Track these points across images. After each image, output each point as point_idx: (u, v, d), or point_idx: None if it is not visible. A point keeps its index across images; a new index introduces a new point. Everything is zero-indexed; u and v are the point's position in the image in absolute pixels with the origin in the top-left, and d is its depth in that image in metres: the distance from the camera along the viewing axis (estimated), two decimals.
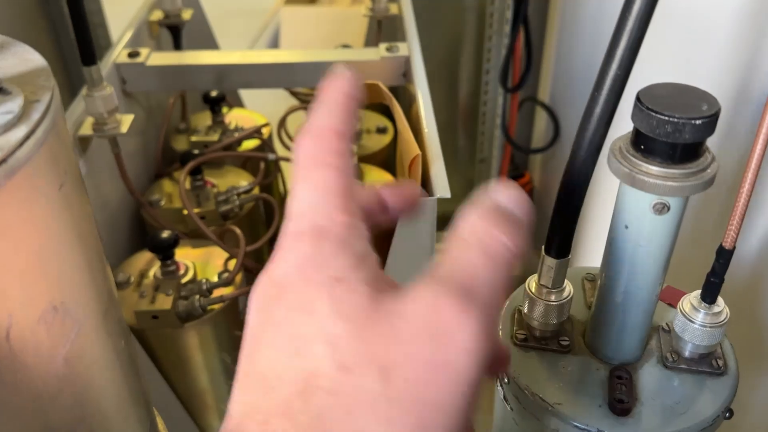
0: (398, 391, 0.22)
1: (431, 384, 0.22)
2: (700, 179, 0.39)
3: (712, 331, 0.47)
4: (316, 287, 0.24)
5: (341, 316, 0.23)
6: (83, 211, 0.37)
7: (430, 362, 0.22)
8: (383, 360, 0.22)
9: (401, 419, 0.21)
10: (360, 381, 0.22)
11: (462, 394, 0.22)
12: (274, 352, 0.24)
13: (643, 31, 0.37)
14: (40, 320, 0.32)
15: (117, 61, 0.90)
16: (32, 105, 0.32)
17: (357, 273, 0.24)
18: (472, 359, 0.22)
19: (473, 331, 0.22)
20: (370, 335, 0.22)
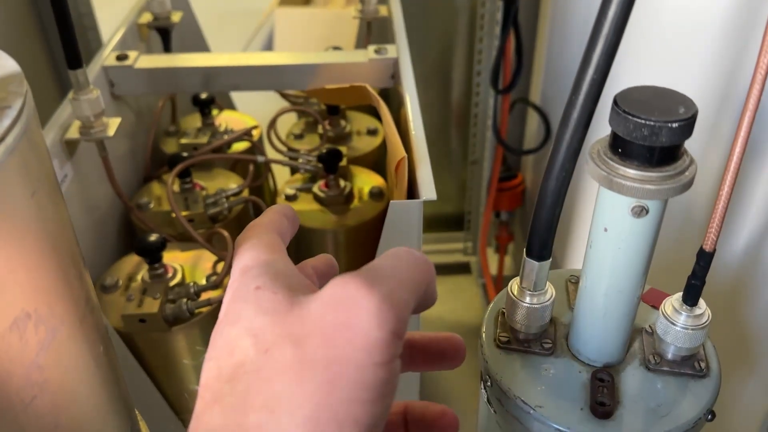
0: (309, 354, 0.24)
1: (337, 342, 0.24)
2: (678, 182, 0.39)
3: (693, 333, 0.47)
4: (241, 301, 0.27)
5: (262, 311, 0.26)
6: (58, 217, 0.37)
7: (334, 324, 0.24)
8: (297, 334, 0.25)
9: (312, 376, 0.23)
10: (277, 355, 0.24)
11: (370, 350, 0.24)
12: (213, 362, 0.27)
13: (619, 36, 0.37)
14: (12, 327, 0.32)
15: (105, 64, 0.90)
16: (3, 111, 0.32)
17: (276, 282, 0.27)
18: (375, 321, 0.24)
19: (376, 299, 0.24)
20: (287, 320, 0.25)
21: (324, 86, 0.91)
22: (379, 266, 0.27)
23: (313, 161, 0.96)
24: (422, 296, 0.28)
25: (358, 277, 0.25)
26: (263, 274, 0.28)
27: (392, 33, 1.02)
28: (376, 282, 0.25)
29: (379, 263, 0.27)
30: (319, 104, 1.13)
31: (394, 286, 0.25)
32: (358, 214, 0.92)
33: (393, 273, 0.26)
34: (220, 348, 0.27)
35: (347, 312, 0.24)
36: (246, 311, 0.27)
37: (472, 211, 1.67)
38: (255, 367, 0.25)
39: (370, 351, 0.24)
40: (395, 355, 0.25)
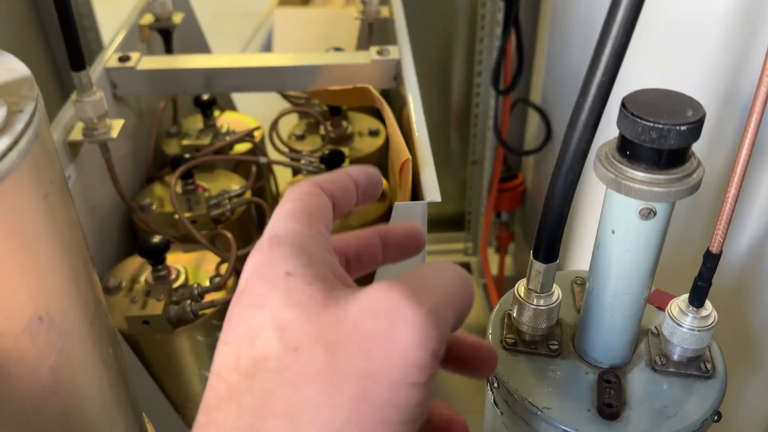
0: (342, 363, 0.22)
1: (375, 356, 0.22)
2: (685, 184, 0.40)
3: (700, 334, 0.47)
4: (268, 283, 0.25)
5: (292, 303, 0.24)
6: (69, 220, 0.37)
7: (374, 335, 0.22)
8: (331, 338, 0.22)
9: (344, 389, 0.22)
10: (306, 358, 0.22)
11: (407, 371, 0.22)
12: (229, 348, 0.24)
13: (628, 38, 0.37)
14: (25, 331, 0.32)
15: (107, 66, 0.90)
16: (16, 115, 0.32)
17: (310, 270, 0.25)
18: (417, 337, 0.22)
19: (421, 315, 0.22)
20: (321, 319, 0.23)
21: (326, 87, 0.91)
22: (426, 277, 0.25)
23: (315, 162, 0.96)
24: (462, 316, 0.26)
25: (404, 287, 0.23)
26: (295, 255, 0.25)
27: (394, 34, 1.02)
28: (423, 295, 0.23)
29: (426, 274, 0.25)
30: (320, 105, 1.13)
31: (439, 301, 0.24)
32: (361, 216, 0.92)
33: (439, 287, 0.24)
34: (240, 334, 0.24)
35: (389, 324, 0.22)
36: (273, 298, 0.24)
37: (472, 212, 1.67)
38: (280, 366, 0.23)
39: (408, 371, 0.22)
40: (432, 376, 0.23)
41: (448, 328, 0.24)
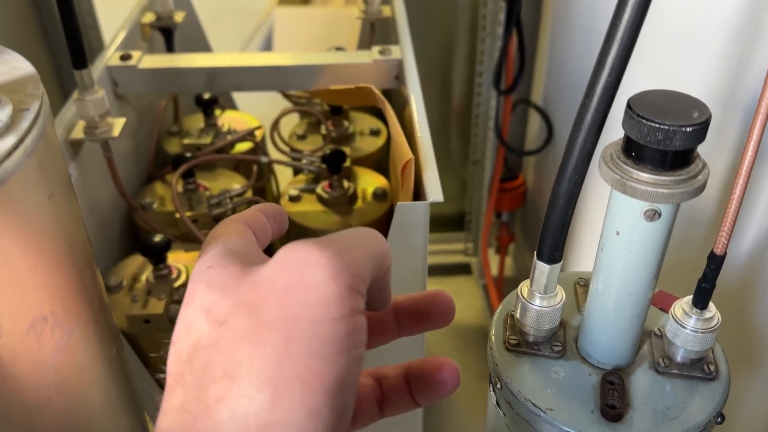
0: (264, 317, 0.24)
1: (291, 300, 0.24)
2: (690, 186, 0.39)
3: (703, 336, 0.47)
4: (194, 280, 0.27)
5: (213, 287, 0.26)
6: (73, 219, 0.37)
7: (288, 283, 0.24)
8: (251, 301, 0.24)
9: (270, 337, 0.23)
10: (233, 326, 0.24)
11: (326, 305, 0.23)
12: (172, 348, 0.26)
13: (634, 39, 0.37)
14: (30, 330, 0.32)
15: (109, 64, 0.90)
16: (21, 114, 0.32)
17: (227, 258, 0.27)
18: (328, 274, 0.24)
19: (328, 254, 0.24)
20: (240, 290, 0.25)
21: (328, 87, 0.91)
22: (333, 235, 0.27)
23: (316, 162, 0.96)
24: (379, 266, 0.27)
25: (309, 240, 0.25)
26: (216, 254, 0.28)
27: (396, 33, 1.02)
28: (327, 243, 0.25)
29: (333, 234, 0.27)
30: (322, 105, 1.13)
31: (346, 246, 0.26)
32: (362, 215, 0.92)
33: (347, 239, 0.26)
34: (178, 332, 0.26)
35: (299, 270, 0.24)
36: (198, 290, 0.26)
37: (473, 212, 1.67)
38: (211, 340, 0.24)
39: (327, 305, 0.24)
40: (355, 309, 0.24)
41: (361, 267, 0.25)
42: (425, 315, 0.35)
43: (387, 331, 0.35)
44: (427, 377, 0.34)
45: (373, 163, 1.07)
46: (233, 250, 0.28)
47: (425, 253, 0.70)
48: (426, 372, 0.34)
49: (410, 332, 0.35)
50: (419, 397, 0.35)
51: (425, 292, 0.35)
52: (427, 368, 0.34)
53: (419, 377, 0.34)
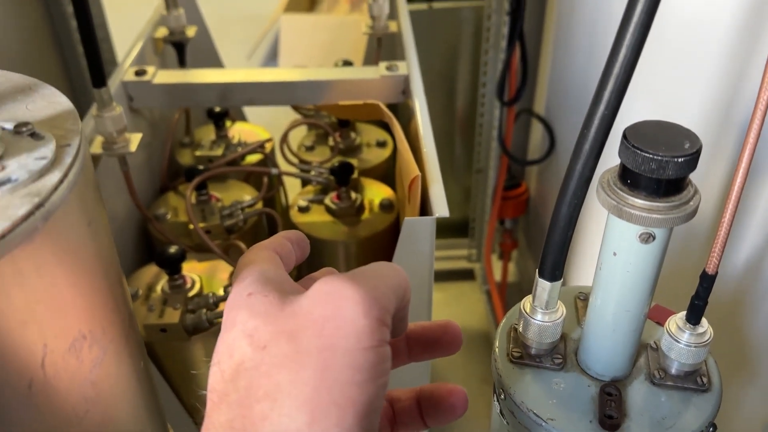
0: (303, 345, 0.27)
1: (327, 332, 0.26)
2: (683, 211, 0.42)
3: (696, 350, 0.50)
4: (236, 307, 0.30)
5: (255, 314, 0.29)
6: (107, 242, 0.39)
7: (324, 316, 0.27)
8: (290, 329, 0.27)
9: (308, 364, 0.26)
10: (274, 351, 0.27)
11: (358, 337, 0.26)
12: (215, 367, 0.29)
13: (629, 76, 0.40)
14: (71, 348, 0.35)
15: (124, 79, 0.93)
16: (63, 149, 0.35)
17: (267, 287, 0.30)
18: (361, 309, 0.27)
19: (361, 291, 0.27)
20: (280, 318, 0.28)
21: (337, 102, 0.94)
22: (361, 270, 0.30)
23: (325, 174, 0.99)
24: (402, 298, 0.30)
25: (342, 276, 0.28)
26: (255, 282, 0.30)
27: (402, 48, 1.04)
28: (359, 279, 0.28)
29: (361, 268, 0.30)
30: (329, 117, 1.16)
31: (375, 282, 0.28)
32: (369, 226, 0.94)
33: (375, 274, 0.30)
34: (221, 353, 0.29)
35: (335, 304, 0.27)
36: (240, 316, 0.29)
37: (476, 219, 1.70)
38: (254, 363, 0.27)
39: (359, 337, 0.26)
40: (383, 340, 0.27)
41: (388, 302, 0.28)
42: (435, 344, 0.38)
43: (399, 357, 0.38)
44: (438, 402, 0.37)
45: (380, 174, 1.10)
46: (270, 279, 0.30)
47: (431, 265, 0.73)
48: (437, 397, 0.37)
49: (419, 359, 0.39)
50: (429, 420, 0.38)
51: (436, 322, 0.38)
52: (438, 393, 0.37)
53: (430, 401, 0.38)
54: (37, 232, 0.31)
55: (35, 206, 0.31)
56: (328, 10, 2.68)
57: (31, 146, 0.34)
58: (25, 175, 0.32)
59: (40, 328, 0.33)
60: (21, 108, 0.38)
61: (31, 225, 0.31)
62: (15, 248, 0.30)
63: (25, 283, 0.31)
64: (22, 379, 0.33)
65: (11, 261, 0.30)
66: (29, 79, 0.41)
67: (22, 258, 0.31)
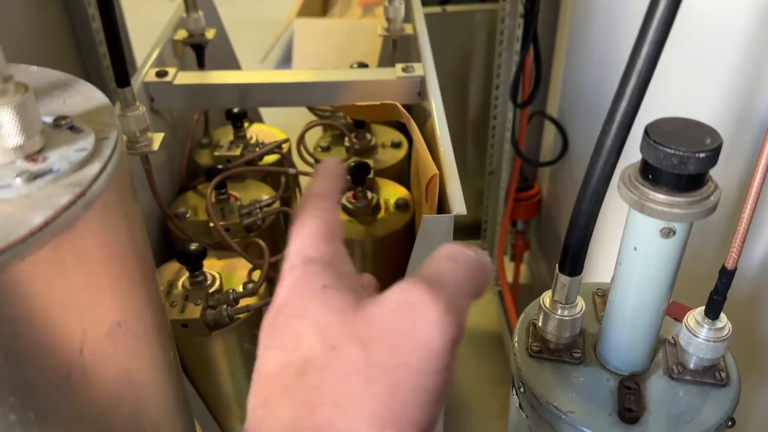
0: (375, 358, 0.26)
1: (402, 349, 0.26)
2: (703, 206, 0.43)
3: (715, 345, 0.50)
4: (308, 295, 0.29)
5: (330, 309, 0.28)
6: (142, 234, 0.41)
7: (400, 331, 0.26)
8: (363, 337, 0.27)
9: (379, 379, 0.26)
10: (345, 356, 0.26)
11: (431, 359, 0.26)
12: (277, 351, 0.29)
13: (651, 72, 0.41)
14: (107, 336, 0.36)
15: (145, 80, 0.94)
16: (102, 142, 0.36)
17: (341, 282, 0.29)
18: (437, 330, 0.26)
19: (439, 309, 0.26)
20: (354, 321, 0.27)
21: (354, 103, 0.95)
22: (440, 273, 0.28)
23: None
24: (478, 294, 0.29)
25: (421, 285, 0.27)
26: (328, 271, 0.29)
27: (417, 50, 1.05)
28: (438, 290, 0.27)
29: (439, 269, 0.29)
30: (345, 118, 1.17)
31: (454, 293, 0.27)
32: (385, 225, 0.95)
33: (453, 279, 0.28)
34: (287, 339, 0.28)
35: (412, 320, 0.26)
36: (313, 307, 0.28)
37: (488, 220, 1.71)
38: (323, 364, 0.27)
39: (431, 359, 0.26)
40: (452, 362, 0.27)
41: (464, 315, 0.27)
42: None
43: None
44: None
45: (395, 174, 1.11)
46: (343, 273, 0.30)
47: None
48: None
49: None
50: None
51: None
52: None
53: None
54: (78, 221, 0.32)
55: (77, 196, 0.32)
56: (341, 15, 2.69)
57: (70, 139, 0.36)
58: (66, 165, 0.33)
59: (79, 315, 0.34)
60: (59, 103, 0.39)
61: (72, 214, 0.32)
62: (57, 236, 0.31)
63: (67, 270, 0.32)
64: (62, 366, 0.34)
65: (53, 249, 0.31)
66: (65, 75, 0.42)
67: (64, 246, 0.32)
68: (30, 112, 0.33)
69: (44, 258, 0.31)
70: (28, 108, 0.33)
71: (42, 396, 0.33)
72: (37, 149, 0.34)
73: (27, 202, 0.31)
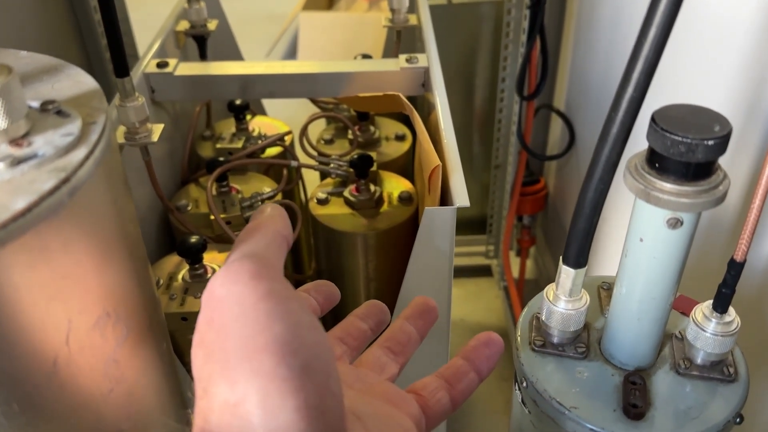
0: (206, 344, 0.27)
1: (214, 315, 0.26)
2: (712, 196, 0.41)
3: (723, 339, 0.49)
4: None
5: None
6: (133, 223, 0.40)
7: (209, 313, 0.27)
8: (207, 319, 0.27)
9: (212, 346, 0.26)
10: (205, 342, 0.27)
11: (238, 302, 0.25)
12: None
13: (658, 57, 0.39)
14: (95, 325, 0.35)
15: (146, 71, 0.93)
16: (89, 127, 0.35)
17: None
18: (220, 280, 0.26)
19: (219, 275, 0.27)
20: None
21: (357, 94, 0.94)
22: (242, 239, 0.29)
23: (344, 166, 0.98)
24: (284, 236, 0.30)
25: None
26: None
27: (422, 41, 1.04)
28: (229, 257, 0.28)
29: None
30: (349, 110, 1.15)
31: (233, 255, 0.28)
32: (388, 218, 0.94)
33: (237, 248, 0.28)
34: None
35: (208, 299, 0.27)
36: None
37: (494, 215, 1.69)
38: (195, 382, 0.27)
39: (240, 301, 0.25)
40: (272, 289, 0.26)
41: (257, 250, 0.28)
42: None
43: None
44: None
45: (399, 167, 1.10)
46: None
47: (451, 256, 0.72)
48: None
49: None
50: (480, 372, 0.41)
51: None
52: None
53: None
54: (63, 207, 0.31)
55: (61, 181, 0.31)
56: (347, 8, 2.68)
57: (57, 123, 0.35)
58: (51, 150, 0.32)
59: (65, 304, 0.33)
60: (47, 87, 0.38)
61: (57, 200, 0.31)
62: (41, 222, 0.30)
63: (52, 258, 0.31)
64: (47, 355, 0.33)
65: (37, 235, 0.30)
66: (55, 59, 0.41)
67: (48, 233, 0.31)
68: (14, 95, 0.32)
69: (27, 244, 0.30)
70: (11, 91, 0.32)
71: (26, 387, 0.33)
72: (21, 133, 0.33)
73: (9, 187, 0.30)
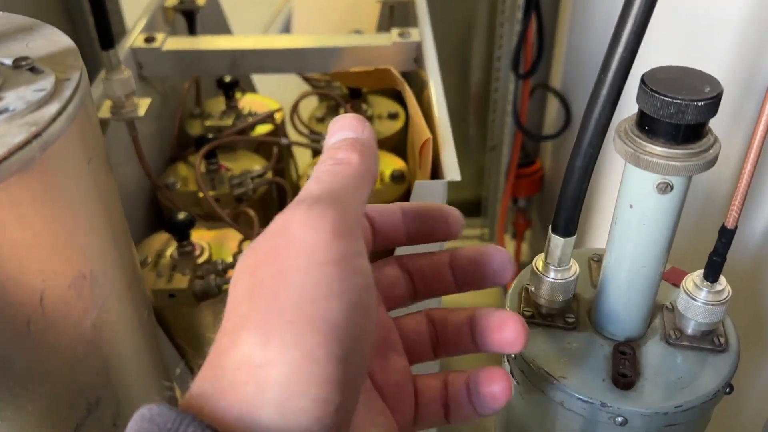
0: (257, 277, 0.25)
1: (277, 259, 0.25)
2: (702, 159, 0.40)
3: (714, 308, 0.48)
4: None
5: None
6: (110, 186, 0.39)
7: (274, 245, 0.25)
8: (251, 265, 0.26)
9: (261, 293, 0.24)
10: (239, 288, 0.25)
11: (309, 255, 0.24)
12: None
13: (649, 14, 0.38)
14: (71, 286, 0.34)
15: (133, 46, 0.92)
16: (63, 83, 0.34)
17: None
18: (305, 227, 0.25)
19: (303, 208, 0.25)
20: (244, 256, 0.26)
21: (348, 69, 0.92)
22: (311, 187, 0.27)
23: None
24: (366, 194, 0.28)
25: (290, 204, 0.26)
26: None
27: (415, 17, 1.03)
28: (305, 197, 0.26)
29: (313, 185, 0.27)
30: (341, 88, 1.14)
31: (322, 194, 0.26)
32: (380, 197, 0.93)
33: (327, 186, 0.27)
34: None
35: (283, 230, 0.25)
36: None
37: (489, 197, 1.68)
38: (228, 306, 0.26)
39: (311, 253, 0.24)
40: (346, 253, 0.25)
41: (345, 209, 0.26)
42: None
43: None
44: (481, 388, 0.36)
45: (391, 145, 1.09)
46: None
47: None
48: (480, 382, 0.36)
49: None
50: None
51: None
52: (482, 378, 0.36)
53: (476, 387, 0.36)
54: (34, 162, 0.30)
55: (32, 135, 0.30)
56: None
57: (30, 80, 0.34)
58: (22, 105, 0.31)
59: (38, 262, 0.32)
60: (21, 46, 0.37)
61: (27, 154, 0.30)
62: (11, 176, 0.29)
63: (23, 214, 0.31)
64: (20, 316, 0.32)
65: (6, 189, 0.29)
66: (30, 19, 0.40)
67: (18, 187, 0.30)
68: None
69: None
70: None
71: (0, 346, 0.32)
72: None
73: None
